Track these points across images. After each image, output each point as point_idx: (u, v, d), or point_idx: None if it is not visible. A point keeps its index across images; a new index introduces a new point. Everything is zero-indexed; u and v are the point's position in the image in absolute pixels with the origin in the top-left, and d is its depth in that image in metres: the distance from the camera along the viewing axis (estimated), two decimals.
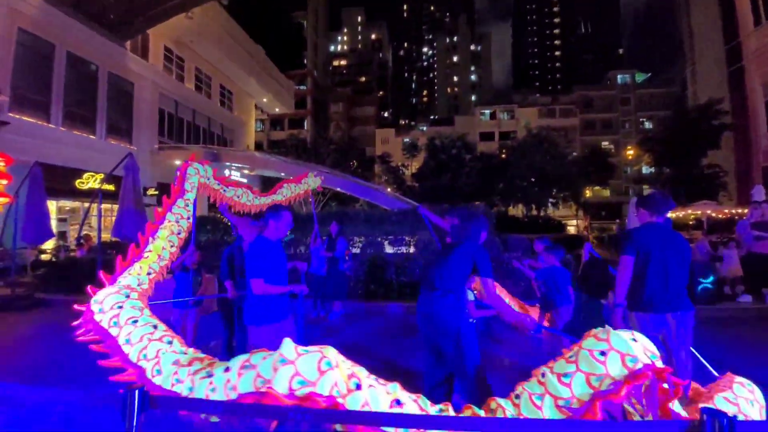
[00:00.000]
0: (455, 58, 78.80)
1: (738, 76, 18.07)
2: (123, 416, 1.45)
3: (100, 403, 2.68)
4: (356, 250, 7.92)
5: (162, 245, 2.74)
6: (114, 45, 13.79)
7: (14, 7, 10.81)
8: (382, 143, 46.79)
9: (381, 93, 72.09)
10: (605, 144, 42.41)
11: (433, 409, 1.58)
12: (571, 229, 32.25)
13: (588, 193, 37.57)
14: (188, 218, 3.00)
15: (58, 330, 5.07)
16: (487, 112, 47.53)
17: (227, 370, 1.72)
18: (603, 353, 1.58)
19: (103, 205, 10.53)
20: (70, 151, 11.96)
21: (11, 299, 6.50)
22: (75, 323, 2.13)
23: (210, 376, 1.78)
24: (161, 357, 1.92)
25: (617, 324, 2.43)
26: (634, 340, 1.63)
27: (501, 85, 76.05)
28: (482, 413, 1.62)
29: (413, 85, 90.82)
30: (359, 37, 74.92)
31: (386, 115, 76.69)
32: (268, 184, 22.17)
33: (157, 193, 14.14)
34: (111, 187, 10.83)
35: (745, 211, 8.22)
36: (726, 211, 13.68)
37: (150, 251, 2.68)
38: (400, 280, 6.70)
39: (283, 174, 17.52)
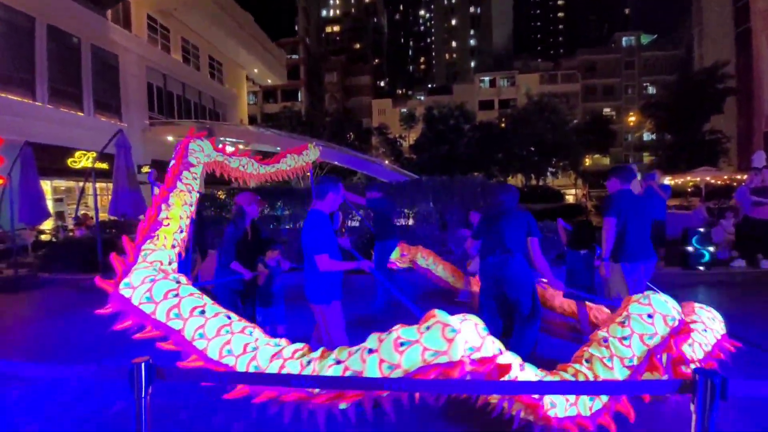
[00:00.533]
0: (453, 22, 75.28)
1: (745, 38, 17.42)
2: (132, 388, 1.50)
3: (109, 377, 2.77)
4: (355, 224, 7.92)
5: (179, 213, 2.46)
6: (95, 15, 13.09)
7: None
8: (379, 114, 45.75)
9: (376, 61, 69.50)
10: (607, 110, 41.56)
11: (539, 373, 1.80)
12: (570, 198, 32.28)
13: (588, 161, 37.27)
14: (198, 192, 2.81)
15: (63, 308, 5.17)
16: (487, 79, 46.13)
17: (371, 351, 1.64)
18: (650, 315, 1.90)
19: (98, 184, 10.45)
20: (59, 129, 11.67)
21: (16, 280, 6.58)
22: (104, 309, 1.89)
23: (340, 362, 1.71)
24: (256, 352, 1.81)
25: (605, 274, 3.06)
26: (667, 301, 1.99)
27: (501, 50, 73.01)
28: (568, 377, 1.85)
29: (410, 52, 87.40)
30: (352, 1, 71.20)
31: (382, 84, 74.34)
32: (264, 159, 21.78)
33: (150, 170, 13.96)
34: (104, 166, 10.68)
35: (745, 177, 8.19)
36: (725, 177, 13.63)
37: (169, 219, 2.38)
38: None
39: (278, 148, 17.25)
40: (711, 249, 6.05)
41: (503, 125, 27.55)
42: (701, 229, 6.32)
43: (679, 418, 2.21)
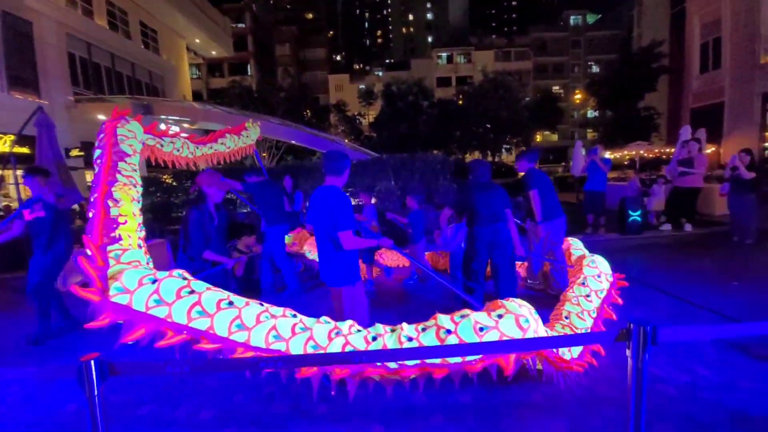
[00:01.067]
0: None
1: (679, 18, 18.77)
2: (81, 387, 1.40)
3: (58, 377, 2.56)
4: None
5: (132, 210, 2.22)
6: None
7: None
8: (337, 90, 44.29)
9: (331, 33, 66.47)
10: (556, 88, 43.54)
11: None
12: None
13: (538, 138, 39.19)
14: (139, 186, 2.46)
15: None
16: (444, 55, 46.12)
17: (449, 332, 1.80)
18: (599, 275, 2.64)
19: (20, 171, 9.17)
20: (17, 116, 9.98)
21: None
22: (98, 322, 1.68)
23: (412, 338, 1.80)
24: (311, 332, 1.81)
25: (541, 234, 3.96)
26: (604, 263, 2.80)
27: (458, 24, 72.93)
28: (560, 329, 2.36)
29: (366, 24, 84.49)
30: None
31: (338, 58, 71.54)
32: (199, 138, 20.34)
33: (82, 154, 12.49)
34: (25, 150, 9.40)
35: (673, 150, 9.08)
36: (656, 150, 15.05)
37: (123, 216, 2.14)
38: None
39: (228, 126, 16.16)
40: (642, 216, 6.74)
41: (461, 102, 27.95)
42: (634, 198, 6.99)
43: (615, 364, 2.49)
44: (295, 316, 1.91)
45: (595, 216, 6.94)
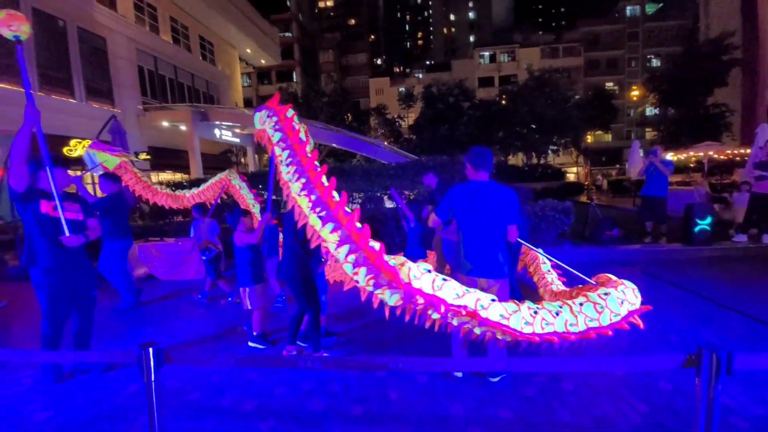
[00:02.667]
0: None
1: (751, 7, 16.77)
2: (141, 372, 1.53)
3: (120, 362, 2.82)
4: (355, 206, 7.91)
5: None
6: (120, 17, 12.74)
7: None
8: (377, 94, 44.79)
9: (372, 37, 67.41)
10: (609, 85, 40.64)
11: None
12: (571, 177, 32.08)
13: (590, 138, 36.76)
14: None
15: None
16: (487, 54, 44.84)
17: (581, 304, 2.05)
18: (622, 301, 2.15)
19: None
20: (52, 117, 11.41)
21: (22, 269, 6.60)
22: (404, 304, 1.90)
23: (559, 313, 2.02)
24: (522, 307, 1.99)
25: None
26: (633, 290, 2.33)
27: (502, 22, 70.63)
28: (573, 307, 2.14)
29: (407, 27, 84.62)
30: None
31: (379, 62, 72.36)
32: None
33: (149, 157, 13.77)
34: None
35: (748, 151, 8.08)
36: (728, 152, 13.45)
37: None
38: (401, 234, 6.77)
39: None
40: (713, 225, 6.05)
41: (504, 102, 27.01)
42: (702, 205, 6.30)
43: (680, 392, 2.25)
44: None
45: (655, 224, 6.35)
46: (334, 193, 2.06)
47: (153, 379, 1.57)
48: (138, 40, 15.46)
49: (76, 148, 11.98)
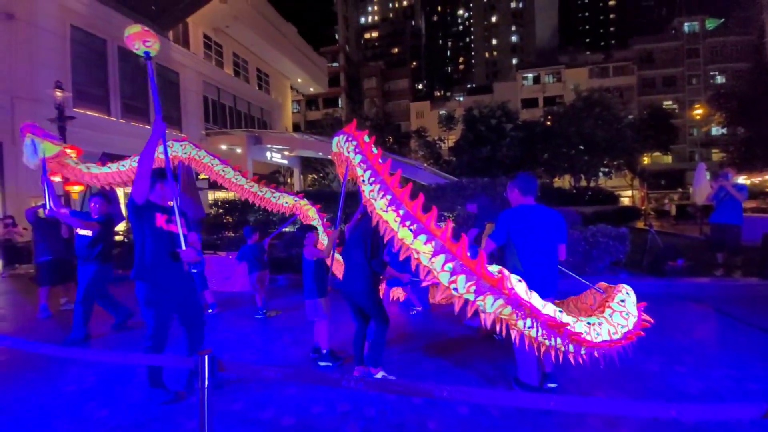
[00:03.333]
0: (494, 19, 73.32)
1: None
2: (196, 379, 1.63)
3: (174, 367, 3.01)
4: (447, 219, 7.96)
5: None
6: (158, 36, 14.45)
7: (64, 5, 11.60)
8: (418, 117, 45.61)
9: (414, 64, 69.46)
10: (667, 103, 38.01)
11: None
12: (626, 201, 29.87)
13: (646, 160, 34.27)
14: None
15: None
16: (530, 76, 44.21)
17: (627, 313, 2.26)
18: (627, 314, 2.28)
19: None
20: (130, 141, 12.97)
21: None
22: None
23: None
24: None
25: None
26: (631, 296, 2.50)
27: (546, 45, 69.76)
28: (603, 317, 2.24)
29: (448, 53, 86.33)
30: (390, 6, 71.93)
31: (420, 87, 74.08)
32: (307, 164, 22.70)
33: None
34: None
35: None
36: None
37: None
38: None
39: (320, 153, 17.82)
40: None
41: (549, 123, 26.21)
42: None
43: None
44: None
45: (728, 255, 5.69)
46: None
47: (206, 385, 1.65)
48: (205, 74, 17.29)
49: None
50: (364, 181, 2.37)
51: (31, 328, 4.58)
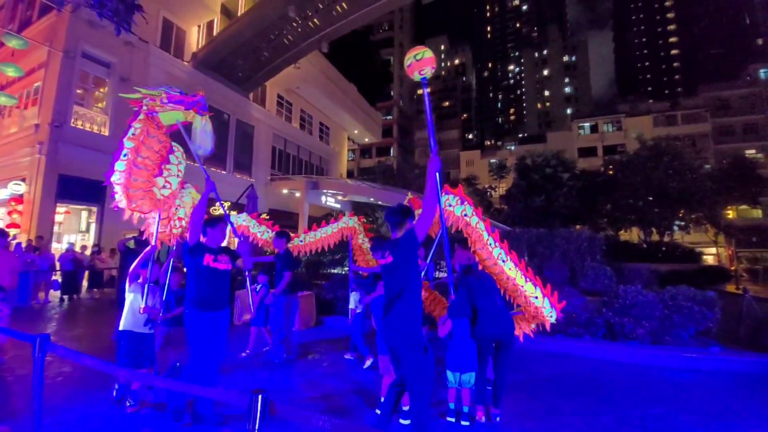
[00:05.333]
0: (546, 72, 74.40)
1: None
2: (248, 416, 1.64)
3: (227, 401, 3.07)
4: (442, 274, 7.76)
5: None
6: (241, 97, 16.82)
7: (171, 73, 14.09)
8: (467, 165, 45.99)
9: (464, 116, 71.60)
10: (750, 152, 34.21)
11: None
12: (710, 259, 26.27)
13: (731, 213, 30.39)
14: None
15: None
16: (587, 125, 43.06)
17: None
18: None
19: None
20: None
21: None
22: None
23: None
24: None
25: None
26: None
27: (602, 96, 68.70)
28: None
29: (499, 105, 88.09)
30: (442, 65, 76.60)
31: (470, 137, 75.45)
32: (358, 209, 23.60)
33: (267, 217, 16.26)
34: (234, 213, 12.94)
35: None
36: None
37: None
38: None
39: (372, 198, 18.50)
40: None
41: (611, 172, 24.78)
42: None
43: None
44: None
45: None
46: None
47: (256, 427, 1.60)
48: (276, 128, 19.48)
49: (218, 209, 14.91)
50: (482, 232, 3.13)
51: (104, 348, 5.04)
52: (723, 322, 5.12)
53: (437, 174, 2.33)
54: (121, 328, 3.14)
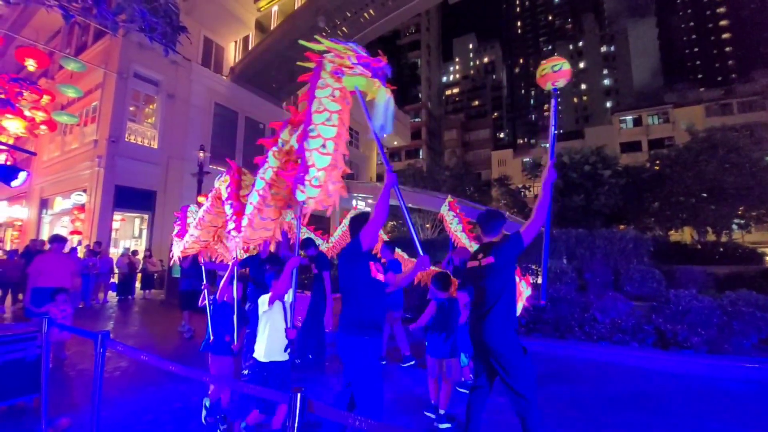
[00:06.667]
0: (582, 65, 70.91)
1: None
2: (288, 414, 1.71)
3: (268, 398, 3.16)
4: None
5: None
6: (275, 107, 17.52)
7: (211, 88, 15.02)
8: (500, 165, 44.73)
9: (495, 115, 69.86)
10: None
11: None
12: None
13: None
14: None
15: None
16: (629, 118, 40.47)
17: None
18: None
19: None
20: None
21: None
22: None
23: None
24: None
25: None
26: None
27: (645, 87, 64.13)
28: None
29: (531, 101, 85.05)
30: (471, 63, 75.32)
31: (502, 135, 73.43)
32: (390, 212, 23.64)
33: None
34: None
35: None
36: None
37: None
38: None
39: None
40: None
41: (657, 168, 23.08)
42: None
43: None
44: None
45: None
46: None
47: (296, 424, 1.67)
48: None
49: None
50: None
51: (155, 344, 5.41)
52: None
53: (550, 185, 2.59)
54: (264, 359, 2.54)
